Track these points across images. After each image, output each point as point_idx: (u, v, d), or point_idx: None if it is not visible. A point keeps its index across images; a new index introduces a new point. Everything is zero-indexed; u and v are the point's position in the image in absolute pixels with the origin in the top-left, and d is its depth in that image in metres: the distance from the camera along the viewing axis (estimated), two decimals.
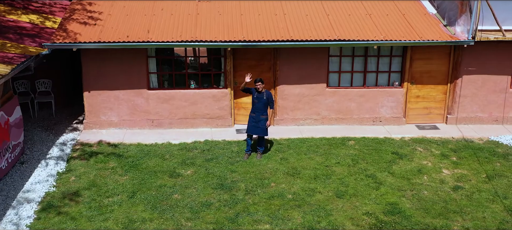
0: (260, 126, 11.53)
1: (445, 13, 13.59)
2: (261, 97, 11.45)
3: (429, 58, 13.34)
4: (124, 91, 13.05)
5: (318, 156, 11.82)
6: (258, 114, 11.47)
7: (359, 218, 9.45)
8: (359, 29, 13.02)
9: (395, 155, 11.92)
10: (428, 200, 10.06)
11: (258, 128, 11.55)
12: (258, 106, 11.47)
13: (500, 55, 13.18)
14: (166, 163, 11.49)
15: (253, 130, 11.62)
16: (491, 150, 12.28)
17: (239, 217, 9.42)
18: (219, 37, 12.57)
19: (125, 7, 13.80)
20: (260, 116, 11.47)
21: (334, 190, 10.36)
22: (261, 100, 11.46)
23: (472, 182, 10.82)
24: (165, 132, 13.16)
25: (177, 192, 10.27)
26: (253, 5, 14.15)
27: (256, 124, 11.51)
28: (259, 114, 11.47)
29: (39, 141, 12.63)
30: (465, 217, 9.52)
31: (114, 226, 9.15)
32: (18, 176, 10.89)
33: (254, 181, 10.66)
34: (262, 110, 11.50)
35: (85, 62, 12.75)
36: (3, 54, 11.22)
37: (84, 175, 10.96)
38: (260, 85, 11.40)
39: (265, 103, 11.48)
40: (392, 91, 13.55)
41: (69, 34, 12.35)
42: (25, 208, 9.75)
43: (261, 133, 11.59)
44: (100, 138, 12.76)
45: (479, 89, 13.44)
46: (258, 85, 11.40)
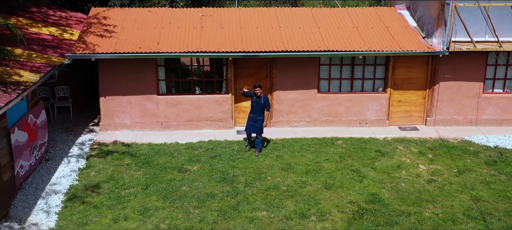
0: (257, 126, 12.92)
1: (424, 26, 14.94)
2: (259, 101, 12.83)
3: (410, 66, 14.65)
4: (136, 96, 14.33)
5: (310, 154, 13.12)
6: (256, 115, 12.86)
7: (344, 206, 10.74)
8: (346, 41, 14.33)
9: (378, 153, 13.22)
10: (404, 191, 11.37)
11: (255, 127, 12.95)
12: (257, 109, 12.86)
13: (473, 64, 14.50)
14: (175, 160, 12.78)
15: (251, 128, 13.03)
16: (464, 148, 13.59)
17: (240, 206, 10.71)
18: (221, 48, 13.88)
19: (137, 21, 15.12)
20: (258, 117, 12.88)
21: (323, 183, 11.65)
22: (259, 103, 12.84)
23: (445, 176, 12.12)
24: (173, 133, 14.45)
25: (185, 185, 11.57)
26: (251, 19, 15.48)
27: (254, 124, 12.91)
28: (257, 115, 12.87)
29: (61, 141, 13.91)
30: (436, 205, 10.82)
31: (132, 214, 10.44)
32: (45, 171, 12.17)
33: (252, 175, 11.96)
34: (260, 112, 12.89)
35: (102, 70, 14.04)
36: (31, 64, 12.51)
37: (102, 171, 12.24)
38: (259, 90, 12.80)
39: (262, 106, 12.86)
40: (377, 96, 14.87)
41: (88, 45, 13.66)
42: (53, 198, 11.03)
43: (258, 131, 12.98)
44: (114, 139, 14.04)
45: (454, 94, 14.75)
46: (257, 90, 12.80)
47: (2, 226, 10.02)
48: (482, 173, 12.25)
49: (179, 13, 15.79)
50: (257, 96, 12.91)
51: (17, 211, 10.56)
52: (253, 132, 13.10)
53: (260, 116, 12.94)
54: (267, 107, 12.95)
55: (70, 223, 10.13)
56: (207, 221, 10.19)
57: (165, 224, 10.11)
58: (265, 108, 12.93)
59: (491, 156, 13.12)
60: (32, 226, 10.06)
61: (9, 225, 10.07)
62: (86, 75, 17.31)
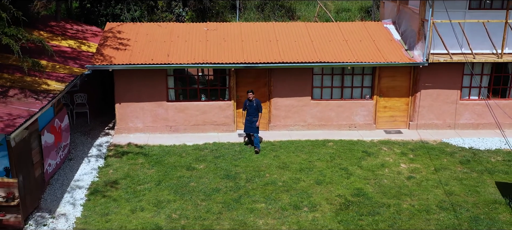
0: (253, 126, 14.62)
1: (407, 40, 16.35)
2: (252, 104, 14.59)
3: (394, 76, 16.04)
4: (148, 103, 15.71)
5: (303, 154, 14.50)
6: (251, 117, 14.60)
7: (333, 199, 12.12)
8: (337, 53, 15.73)
9: (364, 153, 14.60)
10: (386, 186, 12.75)
11: (252, 127, 14.67)
12: (251, 111, 14.62)
13: (451, 74, 15.88)
14: (183, 160, 14.15)
15: (248, 129, 14.78)
16: (442, 149, 14.97)
17: (241, 199, 12.08)
18: (225, 59, 15.28)
19: (148, 35, 16.53)
20: (253, 118, 14.60)
21: (314, 179, 13.03)
22: (252, 106, 14.60)
23: (423, 173, 13.50)
24: (181, 136, 15.82)
25: (193, 181, 12.94)
26: (251, 32, 16.89)
27: (250, 125, 14.61)
28: (252, 117, 14.61)
29: (80, 143, 15.29)
30: (413, 198, 12.20)
31: (147, 205, 11.81)
32: (68, 169, 13.55)
33: (252, 173, 13.34)
34: (254, 114, 14.64)
35: (117, 79, 15.43)
36: (56, 74, 13.91)
37: (119, 169, 13.62)
38: (251, 95, 14.62)
39: (255, 108, 14.59)
40: (364, 103, 16.25)
41: (105, 57, 15.07)
42: (78, 192, 12.41)
43: (254, 131, 14.73)
44: (129, 141, 15.42)
45: (434, 101, 16.13)
46: (249, 94, 14.60)
47: (35, 216, 11.39)
48: (456, 171, 13.64)
49: (186, 27, 17.22)
50: (249, 100, 14.63)
51: (46, 203, 11.93)
52: (251, 132, 14.74)
53: (254, 117, 14.64)
54: (260, 109, 14.68)
55: (93, 214, 11.51)
56: (213, 211, 11.57)
57: (177, 214, 11.49)
58: (258, 110, 14.64)
59: (465, 156, 14.51)
60: (60, 216, 11.43)
61: (41, 215, 11.45)
62: (100, 84, 18.69)
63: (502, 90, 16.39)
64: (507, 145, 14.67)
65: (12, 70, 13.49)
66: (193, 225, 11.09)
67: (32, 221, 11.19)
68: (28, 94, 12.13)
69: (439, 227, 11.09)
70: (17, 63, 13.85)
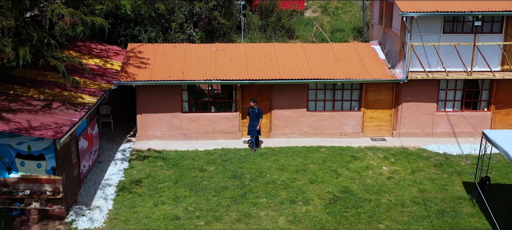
0: (255, 129, 16.93)
1: (390, 59, 18.43)
2: (254, 111, 16.91)
3: (379, 90, 18.05)
4: (165, 114, 17.77)
5: (299, 158, 16.52)
6: (253, 122, 16.87)
7: (323, 195, 14.14)
8: (329, 71, 17.79)
9: (352, 157, 16.61)
10: (369, 185, 14.76)
11: (254, 130, 16.96)
12: (253, 117, 16.98)
13: (428, 89, 17.89)
14: (196, 163, 16.19)
15: (251, 132, 17.12)
16: (419, 154, 16.98)
17: (246, 195, 14.11)
18: (231, 76, 17.36)
19: (165, 55, 18.65)
20: (254, 123, 16.86)
21: (308, 179, 15.05)
22: (254, 113, 16.93)
23: (401, 174, 15.51)
24: (193, 143, 17.85)
25: (205, 180, 14.98)
26: (255, 52, 18.98)
27: (253, 128, 16.89)
28: (254, 122, 16.89)
29: (107, 148, 17.36)
30: (391, 195, 14.20)
31: (167, 200, 13.85)
32: (99, 170, 15.62)
33: (256, 173, 15.37)
34: (256, 119, 16.96)
35: (139, 93, 17.52)
36: (88, 89, 16.00)
37: (142, 170, 15.67)
38: (252, 103, 16.94)
39: (256, 115, 16.93)
40: (353, 114, 18.28)
41: (129, 74, 17.18)
42: (108, 189, 14.47)
43: (256, 133, 17.02)
44: (148, 147, 17.47)
45: (414, 112, 18.14)
46: (251, 103, 16.94)
47: (74, 208, 13.44)
48: (429, 172, 15.64)
49: (198, 48, 19.35)
50: (252, 108, 16.97)
51: (82, 198, 13.99)
52: (253, 135, 17.05)
53: (255, 122, 16.90)
54: (260, 115, 17.01)
55: (122, 206, 13.56)
56: (222, 205, 13.60)
57: (192, 207, 13.53)
58: (259, 116, 16.94)
59: (439, 160, 16.51)
60: (95, 208, 13.49)
61: (79, 207, 13.51)
62: (122, 97, 20.76)
63: (473, 103, 18.42)
64: (476, 151, 16.62)
65: (51, 86, 15.60)
66: (206, 216, 13.13)
67: (72, 212, 13.25)
68: (68, 106, 14.22)
69: (411, 218, 13.10)
70: (55, 80, 16.01)
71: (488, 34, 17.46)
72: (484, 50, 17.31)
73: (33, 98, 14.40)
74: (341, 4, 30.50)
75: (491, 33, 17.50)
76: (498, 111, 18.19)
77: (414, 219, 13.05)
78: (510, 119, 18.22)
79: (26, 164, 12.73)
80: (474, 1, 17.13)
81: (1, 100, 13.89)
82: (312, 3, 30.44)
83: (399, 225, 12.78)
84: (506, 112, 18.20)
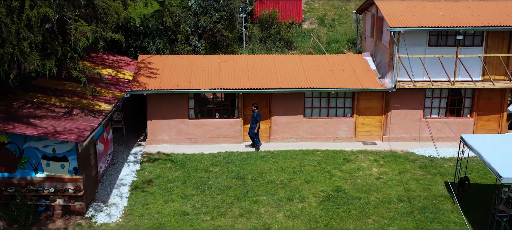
0: (252, 131, 18.50)
1: (380, 69, 19.80)
2: (253, 115, 18.50)
3: (370, 98, 19.39)
4: (173, 120, 19.12)
5: (297, 160, 17.85)
6: (252, 124, 18.51)
7: (318, 193, 15.46)
8: (324, 80, 19.14)
9: (345, 160, 17.94)
10: (359, 184, 16.08)
11: (252, 132, 18.55)
12: (252, 120, 18.59)
13: (415, 97, 19.24)
14: (202, 165, 17.52)
15: (251, 132, 18.67)
16: (406, 157, 18.30)
17: (248, 193, 15.44)
18: (234, 85, 18.72)
19: (173, 65, 20.03)
20: (252, 125, 18.45)
21: (304, 179, 16.38)
22: (253, 116, 18.57)
23: (389, 175, 16.83)
24: (199, 147, 19.18)
25: (210, 180, 16.30)
26: (256, 63, 20.35)
27: (251, 130, 18.41)
28: (252, 124, 18.51)
29: (120, 152, 18.70)
30: (379, 193, 15.53)
31: (176, 198, 15.17)
32: (114, 171, 16.96)
33: (256, 174, 16.70)
34: (254, 122, 18.52)
35: (149, 101, 18.88)
36: (104, 97, 17.36)
37: (153, 171, 17.01)
38: (253, 107, 18.54)
39: (255, 118, 18.56)
40: (346, 120, 19.63)
41: (140, 84, 18.56)
42: (123, 188, 15.79)
43: (253, 134, 18.61)
44: (158, 150, 18.80)
45: (402, 119, 19.47)
46: (253, 107, 18.54)
47: (93, 205, 14.77)
48: (415, 173, 16.96)
49: (203, 59, 20.73)
50: (253, 111, 18.55)
51: (100, 196, 15.32)
52: (251, 135, 18.72)
53: (253, 124, 18.50)
54: (258, 119, 18.52)
55: (136, 203, 14.89)
56: (226, 202, 14.93)
57: (199, 204, 14.86)
58: (256, 120, 18.44)
59: (424, 162, 17.83)
60: (112, 205, 14.82)
61: (97, 204, 14.84)
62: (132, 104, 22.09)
63: (457, 110, 19.77)
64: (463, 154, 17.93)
65: (70, 94, 16.96)
66: (212, 212, 14.46)
67: (91, 208, 14.58)
68: (87, 113, 15.58)
69: (396, 214, 14.43)
70: (73, 89, 17.38)
71: (470, 47, 18.83)
72: (466, 62, 18.68)
73: (55, 106, 15.76)
74: (337, 16, 31.87)
75: (473, 46, 18.87)
76: (480, 117, 19.55)
77: (399, 215, 14.37)
78: (491, 125, 19.56)
79: (51, 165, 14.08)
80: (457, 17, 18.52)
81: (27, 107, 15.27)
82: (310, 15, 31.82)
83: (385, 220, 14.11)
84: (487, 119, 19.55)
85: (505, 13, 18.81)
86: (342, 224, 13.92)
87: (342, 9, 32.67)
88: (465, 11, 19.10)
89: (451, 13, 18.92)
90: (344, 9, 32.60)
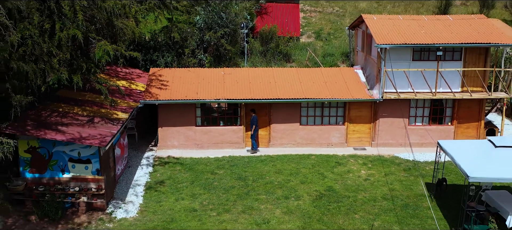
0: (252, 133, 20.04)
1: (369, 81, 21.56)
2: (251, 119, 20.04)
3: (360, 108, 21.14)
4: (181, 127, 20.86)
5: (293, 164, 19.56)
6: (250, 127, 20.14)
7: (311, 193, 17.17)
8: (318, 92, 20.88)
9: (336, 163, 19.64)
10: (349, 185, 17.79)
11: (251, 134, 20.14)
12: (250, 124, 20.26)
13: (401, 106, 20.95)
14: (208, 167, 19.23)
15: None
16: (392, 161, 20.01)
17: (249, 192, 17.15)
18: (237, 96, 20.45)
19: (181, 78, 21.80)
20: (251, 128, 20.17)
21: (300, 180, 18.09)
22: (250, 121, 20.12)
23: (376, 176, 18.53)
24: (205, 151, 20.90)
25: (216, 181, 18.01)
26: (256, 76, 22.10)
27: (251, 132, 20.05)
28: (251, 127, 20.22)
29: (133, 156, 20.42)
30: (366, 192, 17.23)
31: (186, 197, 16.88)
32: (129, 173, 18.67)
33: (257, 176, 18.40)
34: (251, 125, 20.24)
35: (160, 110, 20.62)
36: (120, 107, 19.08)
37: (164, 173, 18.71)
38: (251, 113, 20.24)
39: (251, 122, 20.31)
40: (339, 128, 21.35)
41: (152, 94, 20.32)
42: (138, 188, 17.50)
43: (251, 137, 20.23)
44: (168, 154, 20.53)
45: (389, 126, 21.19)
46: (251, 113, 20.13)
47: (112, 202, 16.47)
48: (399, 175, 18.67)
49: (209, 72, 22.50)
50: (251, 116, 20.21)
51: (118, 194, 17.03)
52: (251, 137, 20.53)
53: (251, 128, 20.26)
54: (253, 123, 20.33)
55: (150, 201, 16.60)
56: (230, 200, 16.64)
57: (206, 202, 16.56)
58: (251, 124, 20.18)
59: (408, 165, 19.54)
60: (129, 202, 16.53)
61: (116, 201, 16.55)
62: (144, 113, 23.84)
63: (439, 118, 21.50)
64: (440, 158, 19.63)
65: (90, 104, 18.69)
66: (217, 208, 16.17)
67: (111, 205, 16.29)
68: (106, 121, 17.32)
69: (380, 210, 16.13)
70: (92, 99, 19.13)
71: (450, 61, 20.59)
72: (446, 75, 20.44)
73: (78, 114, 17.50)
74: (332, 30, 33.71)
75: (453, 60, 20.63)
76: (460, 125, 21.27)
77: (383, 211, 16.07)
78: (470, 132, 21.28)
79: (76, 167, 15.81)
80: (438, 35, 20.30)
81: (54, 116, 17.01)
82: (307, 29, 33.65)
83: (371, 216, 15.81)
84: (467, 126, 21.27)
85: (481, 31, 20.59)
86: (333, 219, 15.63)
87: (337, 23, 34.54)
88: (446, 29, 20.88)
89: (432, 31, 20.69)
90: (340, 23, 34.47)
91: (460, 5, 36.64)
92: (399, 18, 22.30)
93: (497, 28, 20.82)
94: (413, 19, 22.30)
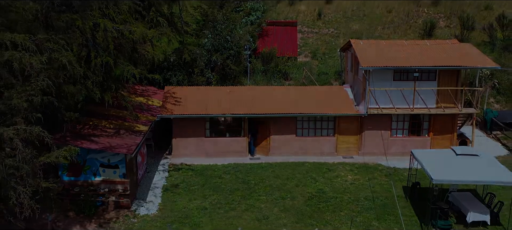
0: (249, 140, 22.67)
1: (356, 98, 24.22)
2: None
3: (348, 122, 23.72)
4: (193, 138, 23.49)
5: (289, 170, 22.16)
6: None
7: (305, 194, 19.78)
8: (311, 107, 23.50)
9: (327, 169, 22.22)
10: (337, 187, 20.38)
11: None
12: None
13: (384, 120, 23.54)
14: (216, 173, 21.84)
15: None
16: (375, 167, 22.60)
17: (252, 194, 19.76)
18: (241, 111, 23.11)
19: (192, 95, 24.49)
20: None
21: (295, 183, 20.70)
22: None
23: (360, 181, 21.12)
24: (214, 159, 23.45)
25: (223, 185, 20.62)
26: (258, 93, 24.74)
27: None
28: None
29: (151, 163, 23.02)
30: (351, 194, 19.81)
31: (197, 197, 19.47)
32: (148, 178, 21.31)
33: (258, 180, 21.00)
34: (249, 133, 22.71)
35: (175, 123, 23.28)
36: (141, 121, 21.77)
37: (178, 178, 21.34)
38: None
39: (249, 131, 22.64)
40: (329, 139, 23.95)
41: (168, 110, 23.01)
42: (156, 190, 20.13)
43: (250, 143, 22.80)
44: (181, 162, 23.14)
45: (374, 138, 23.73)
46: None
47: (135, 202, 19.08)
48: (381, 180, 21.25)
49: (216, 90, 25.20)
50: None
51: (140, 195, 19.66)
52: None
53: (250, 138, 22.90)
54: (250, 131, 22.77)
55: (167, 201, 19.22)
56: (235, 200, 19.24)
57: (215, 201, 19.18)
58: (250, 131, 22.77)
59: (389, 171, 22.11)
60: (149, 202, 19.16)
61: (138, 201, 19.18)
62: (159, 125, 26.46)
63: (417, 131, 24.12)
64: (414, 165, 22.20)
65: (115, 118, 21.38)
66: (224, 207, 18.78)
67: (134, 204, 18.92)
68: (130, 132, 20.01)
69: (362, 208, 18.71)
70: (116, 114, 21.83)
71: (426, 81, 23.23)
72: (423, 93, 23.09)
73: (106, 127, 20.20)
74: (327, 50, 36.44)
75: (428, 80, 23.29)
76: (435, 137, 23.88)
77: (364, 209, 18.66)
78: (444, 143, 23.85)
79: (106, 171, 18.47)
80: (415, 58, 22.98)
81: (86, 128, 19.72)
82: (305, 49, 36.38)
83: (354, 213, 18.40)
84: (442, 138, 23.87)
85: (454, 55, 23.27)
86: (321, 216, 18.21)
87: (332, 44, 37.24)
88: (423, 53, 23.56)
89: (411, 54, 23.38)
90: (334, 44, 37.16)
91: (444, 27, 39.26)
92: (382, 43, 25.01)
93: (466, 52, 23.52)
94: (395, 43, 25.02)
